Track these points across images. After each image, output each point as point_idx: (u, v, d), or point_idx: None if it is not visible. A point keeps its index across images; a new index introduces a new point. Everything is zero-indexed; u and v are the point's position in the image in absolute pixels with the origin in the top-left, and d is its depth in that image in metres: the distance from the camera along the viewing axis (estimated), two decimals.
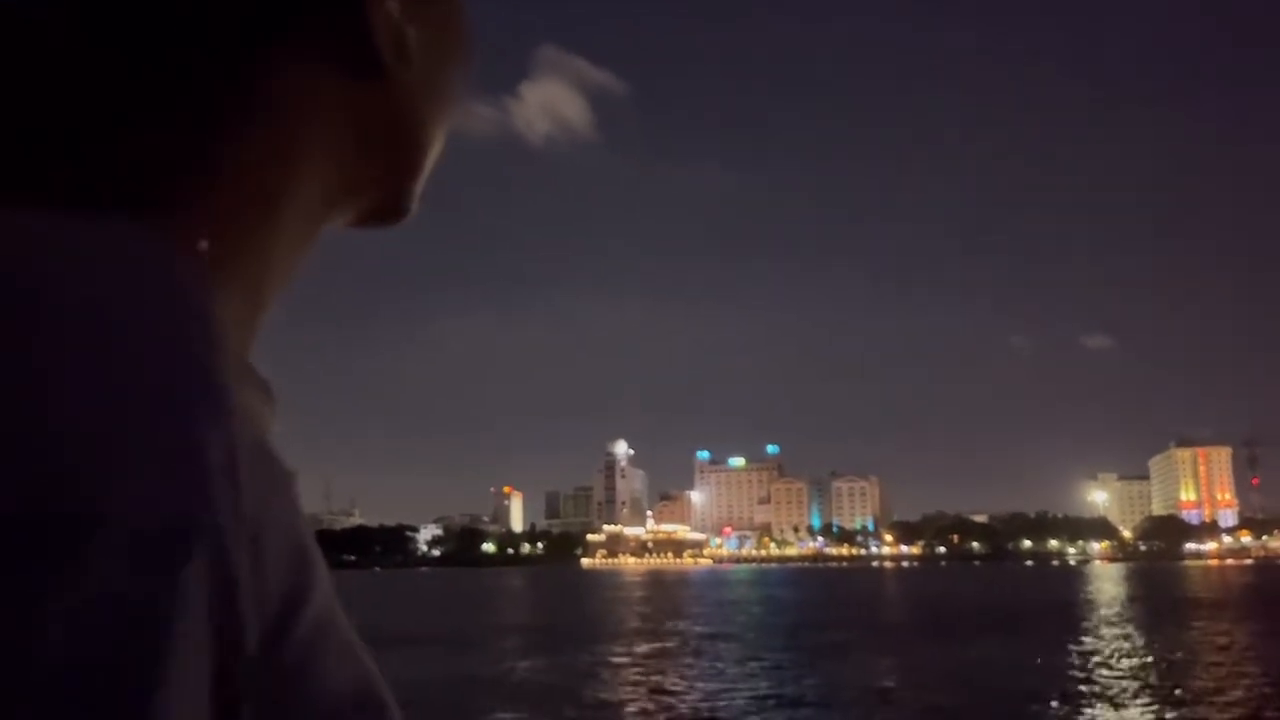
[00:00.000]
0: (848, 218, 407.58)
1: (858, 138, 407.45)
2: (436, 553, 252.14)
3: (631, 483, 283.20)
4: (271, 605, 0.33)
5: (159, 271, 0.35)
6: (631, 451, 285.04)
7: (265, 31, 0.42)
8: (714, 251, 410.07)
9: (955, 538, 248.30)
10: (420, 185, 0.51)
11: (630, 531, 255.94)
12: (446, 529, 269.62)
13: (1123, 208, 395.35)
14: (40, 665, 0.27)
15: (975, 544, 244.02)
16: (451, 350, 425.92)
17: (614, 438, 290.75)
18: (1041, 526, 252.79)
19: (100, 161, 0.39)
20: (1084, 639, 25.49)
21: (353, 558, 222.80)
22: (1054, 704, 15.18)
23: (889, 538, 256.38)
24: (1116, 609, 39.69)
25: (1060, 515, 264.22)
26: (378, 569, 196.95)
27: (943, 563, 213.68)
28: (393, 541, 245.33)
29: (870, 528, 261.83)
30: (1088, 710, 14.78)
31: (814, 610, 40.17)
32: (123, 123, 0.39)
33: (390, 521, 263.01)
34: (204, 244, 0.39)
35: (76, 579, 0.28)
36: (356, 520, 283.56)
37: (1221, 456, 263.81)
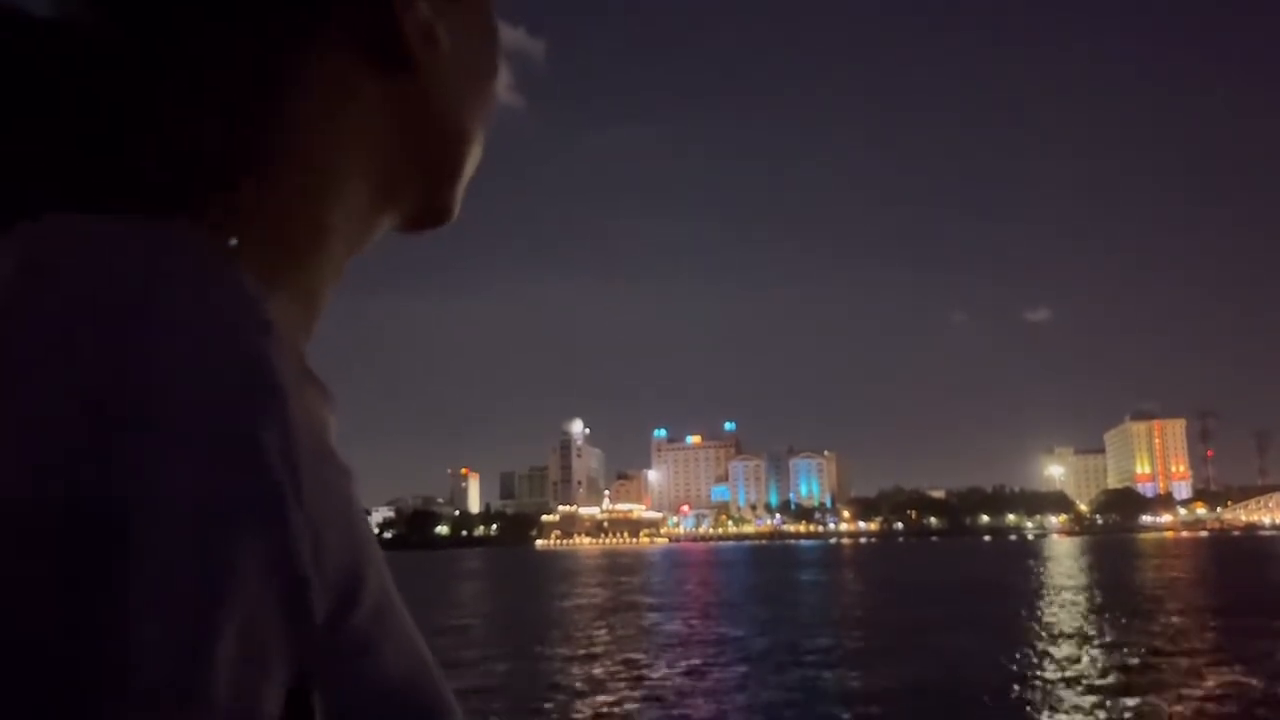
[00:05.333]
0: (789, 189, 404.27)
1: (799, 106, 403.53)
2: (388, 535, 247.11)
3: (588, 462, 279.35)
4: (332, 593, 0.35)
5: (214, 273, 0.36)
6: (587, 430, 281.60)
7: (300, 31, 0.44)
8: (655, 223, 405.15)
9: (913, 513, 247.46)
10: (462, 184, 0.53)
11: (586, 511, 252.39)
12: (399, 511, 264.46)
13: (1058, 181, 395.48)
14: (104, 638, 0.29)
15: (933, 519, 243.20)
16: (404, 331, 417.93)
17: (570, 417, 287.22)
18: (999, 501, 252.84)
19: (151, 166, 0.40)
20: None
21: None
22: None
23: (846, 514, 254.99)
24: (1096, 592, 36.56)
25: (1017, 490, 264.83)
26: None
27: (900, 539, 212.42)
28: None
29: (828, 504, 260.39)
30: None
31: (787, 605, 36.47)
32: (171, 129, 0.41)
33: None
34: (234, 241, 0.41)
35: (133, 555, 0.30)
36: None
37: (1176, 429, 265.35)
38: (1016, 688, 14.82)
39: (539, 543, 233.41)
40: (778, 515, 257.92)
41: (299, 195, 0.44)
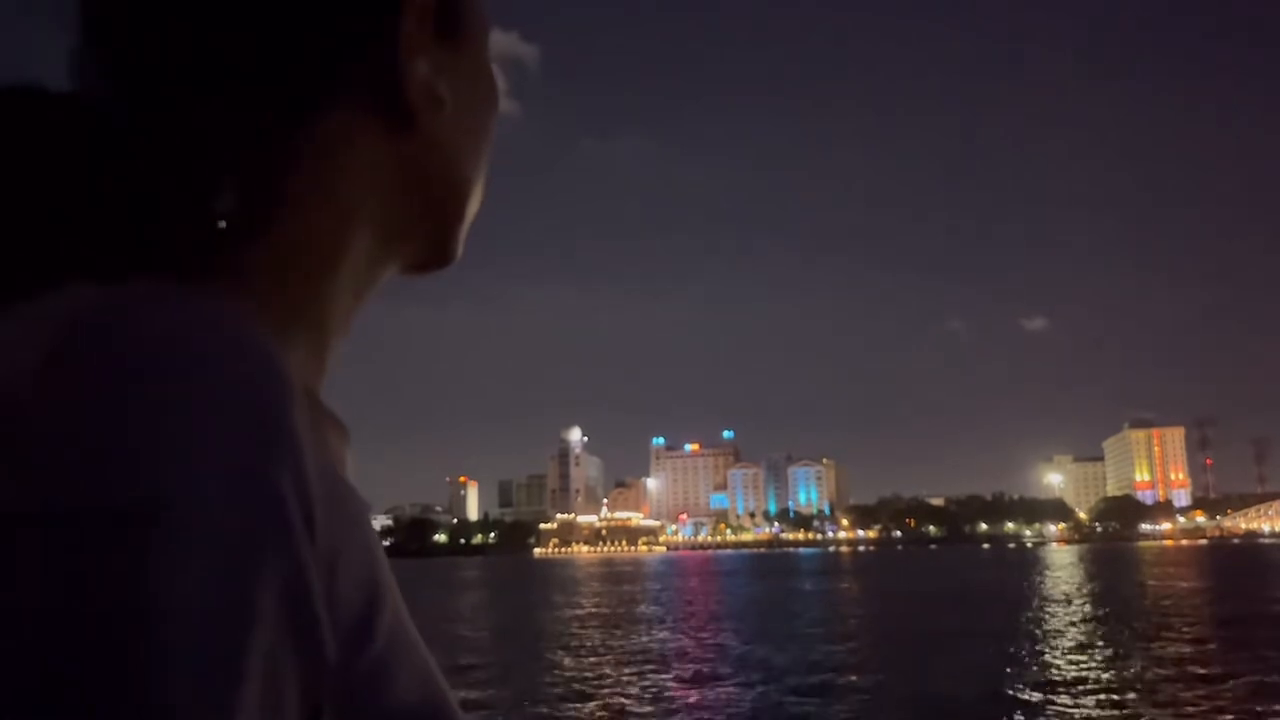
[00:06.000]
0: (787, 197, 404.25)
1: (798, 114, 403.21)
2: (386, 543, 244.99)
3: (586, 470, 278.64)
4: (346, 625, 0.37)
5: (231, 330, 0.38)
6: (586, 439, 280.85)
7: (308, 96, 0.47)
8: (654, 232, 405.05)
9: (911, 521, 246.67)
10: (463, 231, 0.56)
11: (583, 519, 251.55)
12: (396, 519, 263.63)
13: (1053, 189, 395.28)
14: (130, 678, 0.31)
15: (932, 527, 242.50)
16: (402, 339, 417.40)
17: (569, 425, 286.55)
18: (998, 509, 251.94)
19: (166, 229, 0.43)
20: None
21: None
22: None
23: (845, 522, 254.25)
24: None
25: (1016, 497, 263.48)
26: None
27: (899, 546, 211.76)
28: None
29: (827, 512, 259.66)
30: None
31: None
32: (184, 194, 0.43)
33: None
34: (248, 297, 0.44)
35: (157, 596, 0.32)
36: None
37: (1175, 437, 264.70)
38: (1025, 702, 14.62)
39: (537, 551, 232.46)
40: (776, 523, 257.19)
41: (308, 250, 0.47)
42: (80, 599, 0.31)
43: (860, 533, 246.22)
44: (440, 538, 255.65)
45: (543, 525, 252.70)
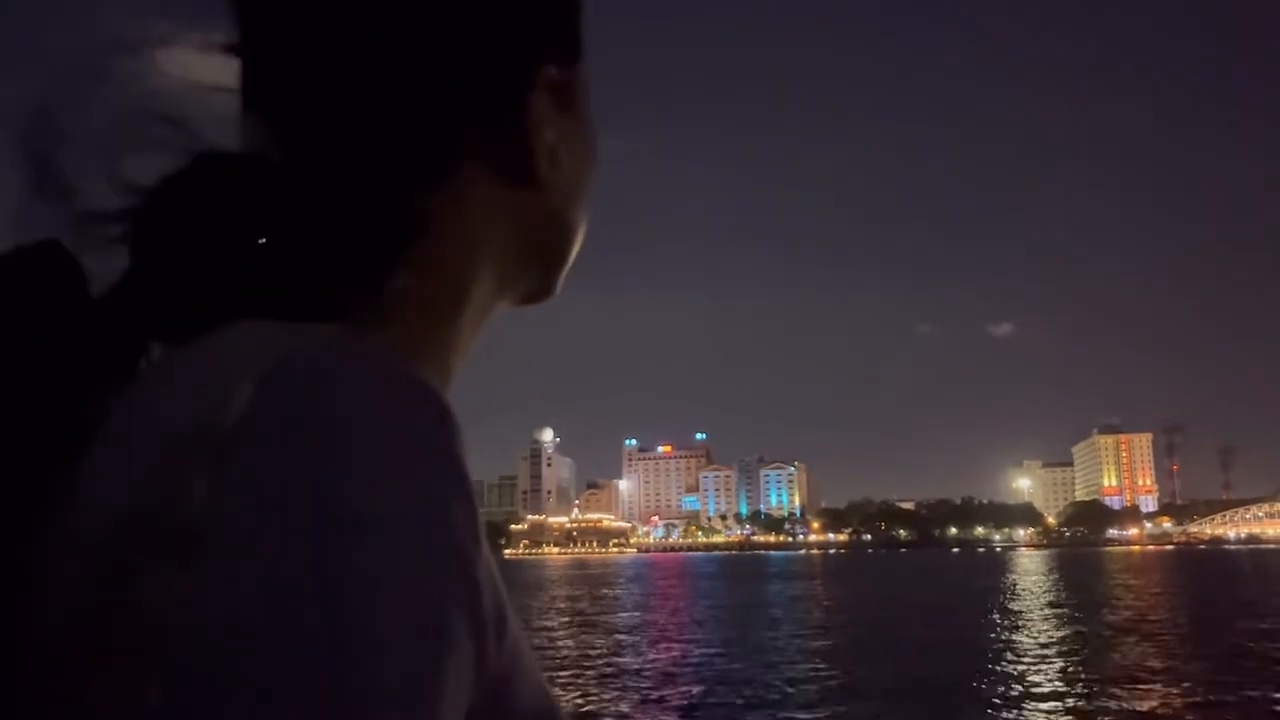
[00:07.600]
0: (759, 201, 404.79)
1: (772, 121, 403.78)
2: None
3: (558, 471, 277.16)
4: (495, 633, 0.43)
5: (406, 369, 0.44)
6: (558, 439, 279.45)
7: (453, 160, 0.54)
8: (627, 235, 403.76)
9: (882, 524, 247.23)
10: (567, 270, 0.63)
11: (554, 520, 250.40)
12: None
13: (1021, 195, 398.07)
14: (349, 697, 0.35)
15: (902, 531, 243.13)
16: None
17: (541, 426, 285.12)
18: (968, 513, 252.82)
19: (328, 275, 0.50)
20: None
21: None
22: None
23: (816, 525, 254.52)
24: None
25: (985, 502, 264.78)
26: None
27: (869, 550, 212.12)
28: None
29: (798, 514, 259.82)
30: None
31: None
32: (344, 244, 0.51)
33: None
34: (399, 339, 0.52)
35: (362, 583, 0.37)
36: None
37: (1143, 443, 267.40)
38: (1004, 705, 14.28)
39: (507, 552, 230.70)
40: (748, 526, 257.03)
41: (442, 293, 0.54)
42: (301, 600, 0.36)
43: (831, 536, 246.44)
44: None
45: (513, 526, 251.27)
